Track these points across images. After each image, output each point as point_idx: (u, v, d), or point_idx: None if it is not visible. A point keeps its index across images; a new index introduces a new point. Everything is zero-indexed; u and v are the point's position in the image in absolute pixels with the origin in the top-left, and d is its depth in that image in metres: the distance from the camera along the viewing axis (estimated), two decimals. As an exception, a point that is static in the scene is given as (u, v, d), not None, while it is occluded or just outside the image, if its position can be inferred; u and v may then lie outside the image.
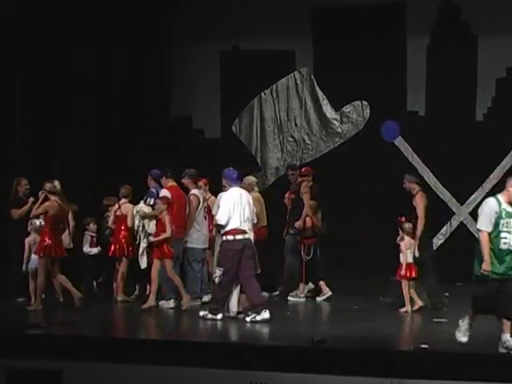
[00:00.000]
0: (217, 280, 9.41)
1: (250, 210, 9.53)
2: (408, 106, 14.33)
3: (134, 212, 10.80)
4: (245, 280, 9.41)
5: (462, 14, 14.06)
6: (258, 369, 7.61)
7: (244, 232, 9.41)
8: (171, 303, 10.46)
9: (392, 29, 14.19)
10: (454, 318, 9.57)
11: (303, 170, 12.33)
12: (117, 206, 11.06)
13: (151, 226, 10.65)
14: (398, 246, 10.32)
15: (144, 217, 10.61)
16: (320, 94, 14.72)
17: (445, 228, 14.10)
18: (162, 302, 10.50)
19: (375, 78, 14.12)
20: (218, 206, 9.70)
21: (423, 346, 7.70)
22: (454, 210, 14.10)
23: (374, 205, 13.64)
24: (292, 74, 14.86)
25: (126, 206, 10.96)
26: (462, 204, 14.09)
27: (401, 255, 10.32)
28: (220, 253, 9.54)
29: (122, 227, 10.93)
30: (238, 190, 9.59)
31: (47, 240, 10.14)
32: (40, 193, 10.35)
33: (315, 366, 7.58)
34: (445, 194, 14.10)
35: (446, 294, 11.76)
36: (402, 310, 10.22)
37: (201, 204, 10.86)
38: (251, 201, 9.68)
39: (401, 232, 10.42)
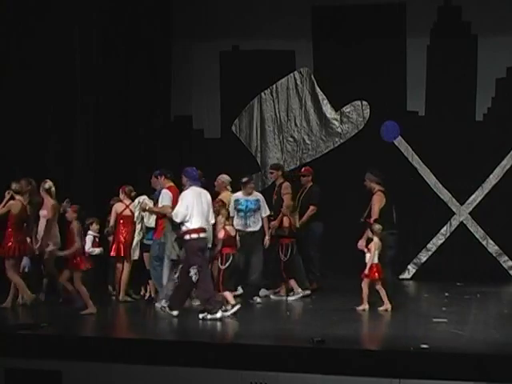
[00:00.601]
0: (194, 278, 9.53)
1: (208, 209, 9.75)
2: (408, 106, 14.31)
3: (136, 203, 10.82)
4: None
5: (461, 14, 14.04)
6: (257, 369, 7.61)
7: (205, 231, 9.70)
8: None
9: (392, 29, 14.17)
10: (453, 318, 9.63)
11: (303, 170, 12.37)
12: (123, 206, 11.04)
13: (150, 221, 10.73)
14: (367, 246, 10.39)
15: (144, 209, 10.65)
16: (320, 93, 14.71)
17: (444, 228, 14.09)
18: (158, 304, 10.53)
19: (375, 77, 14.11)
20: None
21: (423, 345, 7.69)
22: (453, 210, 14.09)
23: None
24: (292, 74, 14.85)
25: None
26: (461, 204, 14.08)
27: (367, 255, 10.37)
28: (188, 252, 9.65)
29: (128, 228, 10.96)
30: (197, 190, 9.76)
31: (10, 241, 10.18)
32: (6, 192, 10.44)
33: (315, 366, 7.57)
34: (444, 194, 14.09)
35: (446, 294, 11.78)
36: (359, 308, 10.27)
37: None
38: (210, 200, 9.90)
39: (370, 233, 10.48)
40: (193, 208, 9.57)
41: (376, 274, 10.26)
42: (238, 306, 9.79)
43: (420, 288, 13.43)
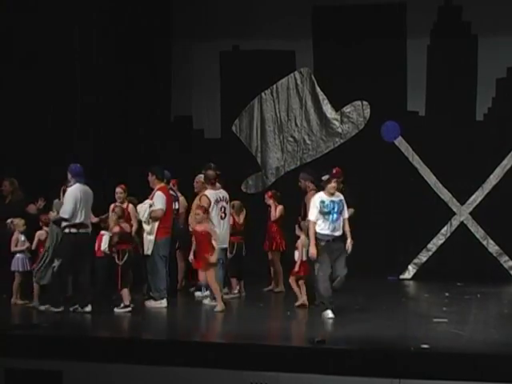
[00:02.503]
0: (55, 269, 9.93)
1: (89, 205, 10.03)
2: (408, 106, 14.30)
3: (145, 207, 10.84)
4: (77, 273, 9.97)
5: (462, 14, 14.02)
6: (258, 369, 7.60)
7: (87, 226, 9.98)
8: (163, 302, 10.53)
9: (392, 29, 14.16)
10: (454, 318, 9.62)
11: (334, 171, 12.23)
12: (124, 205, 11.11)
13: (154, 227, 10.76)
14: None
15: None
16: (320, 93, 14.69)
17: (445, 228, 14.08)
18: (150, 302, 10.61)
19: (375, 77, 14.09)
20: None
21: (423, 346, 7.69)
22: (454, 210, 14.08)
23: (372, 204, 13.63)
24: (292, 74, 14.84)
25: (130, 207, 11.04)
26: (462, 204, 14.07)
27: (296, 253, 10.51)
28: (62, 244, 9.97)
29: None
30: (80, 187, 10.00)
31: None
32: None
33: (316, 366, 7.57)
34: (445, 194, 14.08)
35: (447, 294, 11.77)
36: (297, 303, 10.44)
37: (212, 204, 10.96)
38: (92, 198, 10.15)
39: (298, 231, 10.63)
40: (78, 205, 9.89)
41: (303, 271, 10.42)
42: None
43: (420, 288, 13.42)
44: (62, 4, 12.30)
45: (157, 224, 10.63)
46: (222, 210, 11.09)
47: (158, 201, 10.64)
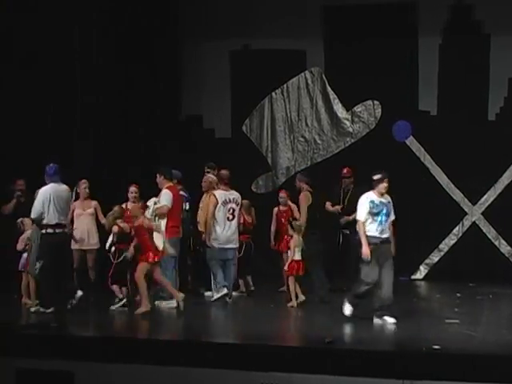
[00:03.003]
0: (37, 272, 9.86)
1: (66, 205, 9.93)
2: (420, 106, 14.25)
3: (150, 204, 10.86)
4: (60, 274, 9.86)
5: (474, 12, 13.97)
6: (268, 370, 7.57)
7: (64, 226, 9.89)
8: (173, 302, 10.48)
9: (404, 28, 14.11)
10: (466, 319, 9.57)
11: (345, 171, 12.24)
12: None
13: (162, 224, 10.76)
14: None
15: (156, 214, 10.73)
16: (331, 93, 14.66)
17: (457, 228, 14.02)
18: (161, 302, 10.58)
19: (387, 77, 14.05)
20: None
21: (435, 346, 7.64)
22: (466, 210, 14.01)
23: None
24: (303, 74, 14.81)
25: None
26: (474, 204, 14.00)
27: (289, 252, 10.65)
28: (40, 246, 9.91)
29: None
30: (54, 187, 9.92)
31: None
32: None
33: (326, 366, 7.53)
34: (457, 195, 14.02)
35: (458, 295, 11.71)
36: (289, 304, 10.50)
37: (219, 204, 11.03)
38: (69, 197, 10.10)
39: (290, 230, 10.76)
40: (49, 204, 9.78)
41: (295, 271, 10.47)
42: (123, 301, 10.10)
43: (432, 288, 13.37)
44: (62, 4, 12.27)
45: (164, 223, 10.62)
46: (231, 211, 11.14)
47: (164, 198, 10.66)
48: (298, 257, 10.54)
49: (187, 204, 11.69)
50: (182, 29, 14.78)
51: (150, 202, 10.80)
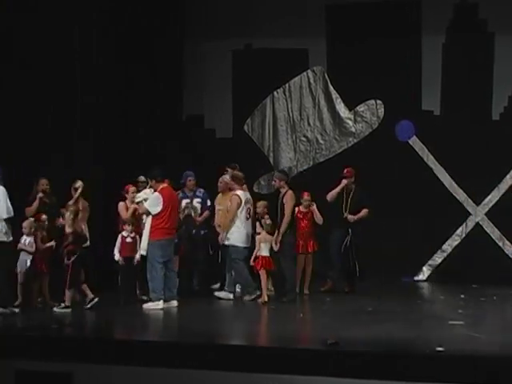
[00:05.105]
0: None
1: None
2: (423, 106, 14.16)
3: (142, 196, 10.97)
4: None
5: (478, 11, 13.88)
6: (270, 371, 7.51)
7: None
8: (160, 304, 10.47)
9: (407, 27, 14.02)
10: (469, 321, 9.50)
11: (345, 171, 12.20)
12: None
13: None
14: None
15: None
16: (333, 92, 14.58)
17: (460, 229, 13.94)
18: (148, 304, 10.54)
19: (389, 76, 13.98)
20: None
21: (438, 348, 7.56)
22: (469, 210, 13.92)
23: (387, 205, 13.50)
24: (305, 73, 14.74)
25: None
26: (477, 205, 13.91)
27: (256, 247, 11.05)
28: None
29: None
30: None
31: None
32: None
33: (329, 368, 7.46)
34: (460, 195, 13.93)
35: (462, 296, 11.64)
36: (259, 300, 10.85)
37: (242, 204, 11.14)
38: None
39: (259, 228, 11.14)
40: None
41: (259, 266, 10.89)
42: (70, 309, 10.05)
43: (435, 290, 13.30)
44: (62, 4, 12.20)
45: (149, 225, 10.59)
46: (248, 211, 11.29)
47: (151, 201, 10.66)
48: (265, 253, 10.97)
49: (208, 201, 11.96)
50: (183, 28, 14.72)
51: (144, 195, 10.88)
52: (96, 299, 10.16)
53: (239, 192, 11.27)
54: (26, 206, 10.81)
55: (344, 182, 11.99)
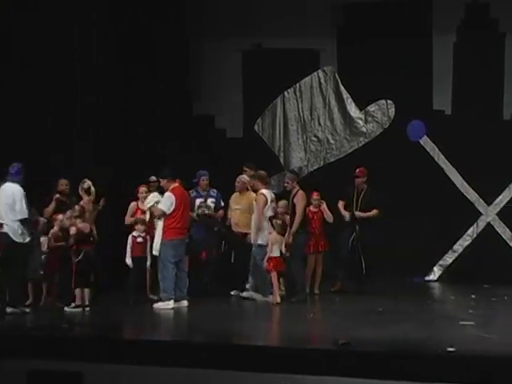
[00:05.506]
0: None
1: (5, 205, 9.75)
2: (434, 105, 14.12)
3: (153, 200, 10.97)
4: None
5: (489, 10, 13.83)
6: (282, 371, 7.50)
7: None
8: (170, 304, 10.48)
9: (418, 26, 13.96)
10: (480, 321, 9.46)
11: (357, 171, 12.18)
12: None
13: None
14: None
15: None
16: (344, 92, 14.55)
17: (471, 229, 13.88)
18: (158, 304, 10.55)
19: (400, 76, 13.94)
20: None
21: (450, 349, 7.54)
22: (480, 210, 13.87)
23: (397, 205, 13.47)
24: (316, 73, 14.71)
25: None
26: (489, 205, 13.86)
27: (267, 249, 10.93)
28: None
29: None
30: (6, 185, 9.86)
31: None
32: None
33: (340, 368, 7.45)
34: (471, 195, 13.88)
35: (473, 297, 11.60)
36: (272, 300, 10.80)
37: (268, 203, 11.14)
38: (4, 196, 9.85)
39: (270, 228, 11.05)
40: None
41: (271, 267, 10.82)
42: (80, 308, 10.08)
43: (446, 290, 13.26)
44: (62, 4, 12.21)
45: (161, 224, 10.59)
46: (273, 210, 11.32)
47: (164, 201, 10.68)
48: (276, 253, 10.89)
49: (222, 201, 11.96)
50: (193, 28, 14.71)
51: (154, 198, 10.86)
52: (81, 308, 10.13)
53: (265, 191, 11.24)
54: (44, 206, 10.84)
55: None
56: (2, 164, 10.25)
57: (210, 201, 11.85)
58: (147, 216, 11.03)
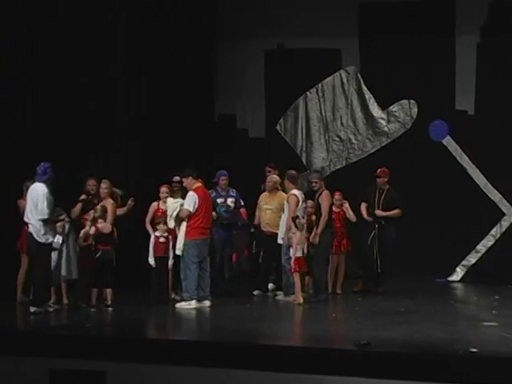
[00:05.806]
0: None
1: (30, 205, 9.77)
2: (457, 105, 14.06)
3: (176, 205, 11.02)
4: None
5: (513, 11, 13.77)
6: (301, 371, 7.50)
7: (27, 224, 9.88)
8: (193, 303, 10.51)
9: (441, 26, 13.94)
10: (504, 322, 9.40)
11: (379, 171, 12.15)
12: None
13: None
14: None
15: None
16: (366, 92, 14.53)
17: (494, 229, 13.80)
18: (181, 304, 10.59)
19: (423, 76, 13.91)
20: None
21: (472, 349, 7.50)
22: (504, 211, 13.79)
23: (420, 205, 13.44)
24: (338, 73, 14.70)
25: None
26: (512, 205, 13.79)
27: (291, 250, 10.84)
28: None
29: None
30: (34, 185, 9.88)
31: None
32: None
33: (361, 369, 7.44)
34: (495, 195, 13.80)
35: (496, 297, 11.53)
36: (295, 301, 10.75)
37: (300, 203, 11.08)
38: (33, 196, 9.82)
39: (294, 229, 10.85)
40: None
41: (297, 268, 10.73)
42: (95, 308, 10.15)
43: (469, 290, 13.18)
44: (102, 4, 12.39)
45: (185, 224, 10.61)
46: (304, 210, 11.26)
47: (187, 201, 10.69)
48: (299, 254, 10.81)
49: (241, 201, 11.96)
50: (215, 28, 14.75)
51: (177, 203, 10.94)
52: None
53: (296, 191, 11.18)
54: (73, 206, 10.93)
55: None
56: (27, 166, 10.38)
57: (229, 200, 11.87)
58: (171, 223, 11.01)
